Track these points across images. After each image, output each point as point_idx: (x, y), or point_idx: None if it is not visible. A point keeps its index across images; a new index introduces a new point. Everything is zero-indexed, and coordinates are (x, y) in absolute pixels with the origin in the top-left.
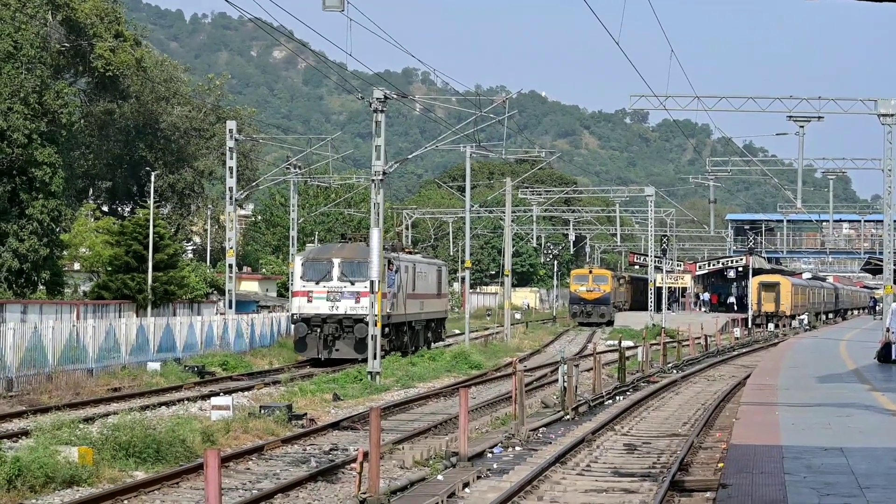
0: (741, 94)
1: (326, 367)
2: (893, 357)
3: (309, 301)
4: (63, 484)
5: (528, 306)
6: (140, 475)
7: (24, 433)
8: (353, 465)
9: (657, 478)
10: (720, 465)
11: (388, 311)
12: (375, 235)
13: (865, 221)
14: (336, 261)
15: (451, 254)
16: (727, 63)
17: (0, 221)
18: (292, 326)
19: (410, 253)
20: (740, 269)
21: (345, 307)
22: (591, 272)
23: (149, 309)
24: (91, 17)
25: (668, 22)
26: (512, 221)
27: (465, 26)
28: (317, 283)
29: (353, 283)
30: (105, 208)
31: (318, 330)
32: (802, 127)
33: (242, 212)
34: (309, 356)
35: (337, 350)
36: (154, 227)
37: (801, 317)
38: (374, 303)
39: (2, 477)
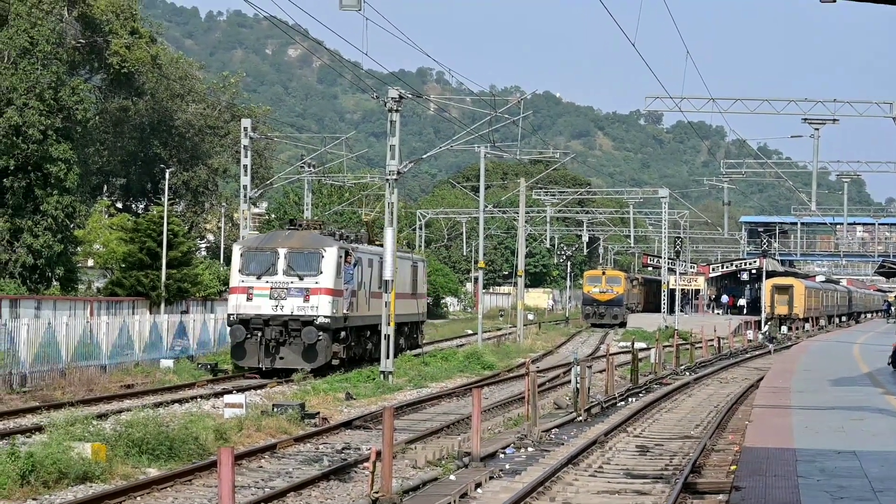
0: (756, 96)
1: (268, 379)
2: None
3: (249, 299)
4: (76, 480)
5: (554, 305)
6: (153, 472)
7: (38, 429)
8: (365, 464)
9: (669, 480)
10: (733, 467)
11: (343, 311)
12: (389, 235)
13: (880, 224)
14: (282, 251)
15: (465, 254)
16: (742, 65)
17: (15, 217)
18: (227, 330)
19: (375, 244)
20: (754, 271)
21: (291, 306)
22: (604, 273)
23: (162, 306)
24: (107, 14)
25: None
26: (525, 222)
27: (480, 26)
28: (258, 278)
29: (301, 278)
30: (119, 205)
31: (259, 334)
32: (817, 129)
33: (256, 210)
34: (248, 364)
35: (282, 358)
36: (168, 224)
37: (764, 328)
38: (388, 303)
39: (15, 472)
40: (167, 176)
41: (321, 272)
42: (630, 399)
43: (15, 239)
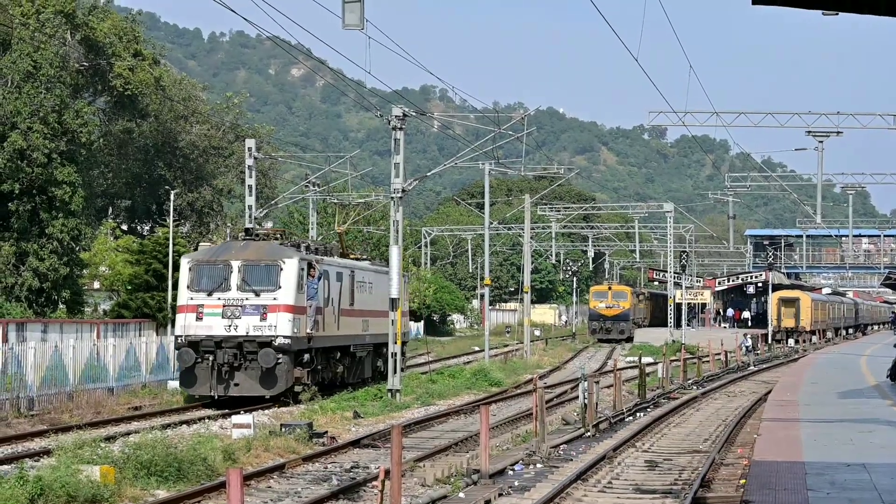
0: (760, 109)
1: (221, 409)
2: None
3: (199, 319)
4: (85, 503)
5: (567, 322)
6: (162, 494)
7: (46, 452)
8: (374, 482)
9: (679, 494)
10: (742, 481)
11: (306, 331)
12: (395, 253)
13: (885, 236)
14: (236, 264)
15: (471, 271)
16: (746, 79)
17: (20, 241)
18: (175, 354)
19: (350, 258)
20: (760, 284)
21: (246, 326)
22: (610, 288)
23: (168, 327)
24: (110, 37)
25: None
26: (531, 238)
27: (482, 43)
28: (209, 295)
29: (257, 294)
30: (124, 227)
31: (211, 358)
32: (821, 142)
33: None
34: (199, 392)
35: (236, 384)
36: (174, 245)
37: (747, 342)
38: (395, 320)
39: (24, 496)
40: (172, 197)
41: (280, 287)
42: (638, 414)
43: (21, 262)
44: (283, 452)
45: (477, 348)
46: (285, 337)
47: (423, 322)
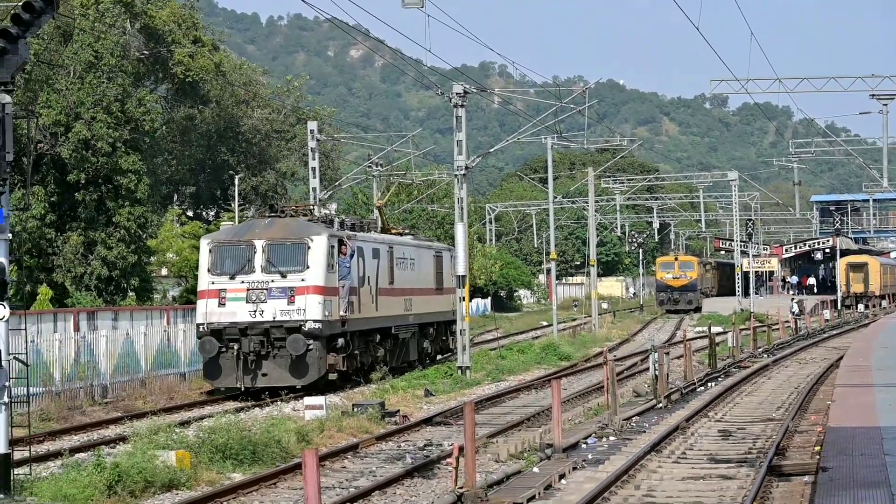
0: (822, 74)
1: (248, 401)
2: None
3: (221, 304)
4: (162, 488)
5: (635, 294)
6: (237, 477)
7: (122, 439)
8: (448, 460)
9: (754, 463)
10: (817, 448)
11: (339, 313)
12: (461, 230)
13: None
14: (259, 243)
15: (536, 246)
16: (808, 44)
17: (88, 230)
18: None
19: (392, 232)
20: (827, 250)
21: (273, 311)
22: (676, 259)
23: None
24: (169, 24)
25: (747, 5)
26: (595, 211)
27: (540, 17)
28: (231, 278)
29: (283, 276)
30: (190, 213)
31: (236, 346)
32: (886, 105)
33: (325, 211)
34: (225, 385)
35: (264, 375)
36: None
37: (794, 308)
38: (462, 298)
39: (102, 483)
40: (236, 182)
41: (308, 267)
42: (709, 384)
43: (89, 251)
44: (356, 432)
45: (545, 323)
46: (315, 321)
47: (490, 298)
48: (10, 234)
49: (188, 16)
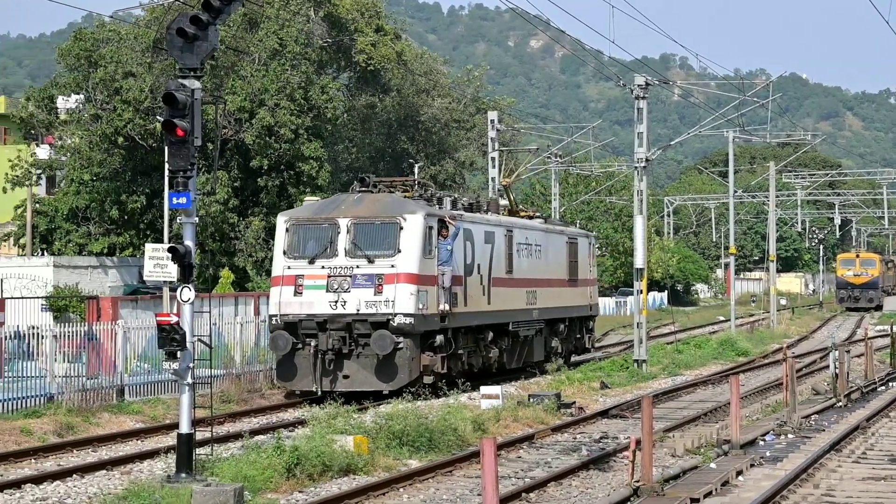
0: None
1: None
2: None
3: (297, 293)
4: (340, 472)
5: (814, 291)
6: (414, 463)
7: (301, 422)
8: (624, 453)
9: None
10: None
11: (439, 307)
12: (639, 223)
13: None
14: (344, 222)
15: (714, 240)
16: None
17: (269, 215)
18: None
19: (521, 215)
20: None
21: (357, 302)
22: (857, 256)
23: None
24: (352, 13)
25: None
26: (776, 206)
27: (724, 9)
28: (311, 262)
29: (371, 261)
30: None
31: (313, 343)
32: None
33: (503, 202)
34: (300, 387)
35: (346, 377)
36: None
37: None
38: (640, 291)
39: (281, 465)
40: (416, 170)
41: (399, 250)
42: (890, 383)
43: (270, 236)
44: (531, 423)
45: (722, 318)
46: (406, 315)
47: (666, 292)
48: (196, 218)
49: (371, 4)
